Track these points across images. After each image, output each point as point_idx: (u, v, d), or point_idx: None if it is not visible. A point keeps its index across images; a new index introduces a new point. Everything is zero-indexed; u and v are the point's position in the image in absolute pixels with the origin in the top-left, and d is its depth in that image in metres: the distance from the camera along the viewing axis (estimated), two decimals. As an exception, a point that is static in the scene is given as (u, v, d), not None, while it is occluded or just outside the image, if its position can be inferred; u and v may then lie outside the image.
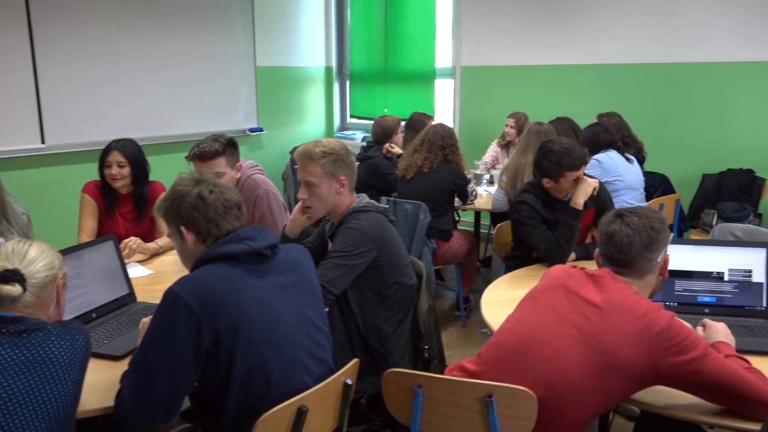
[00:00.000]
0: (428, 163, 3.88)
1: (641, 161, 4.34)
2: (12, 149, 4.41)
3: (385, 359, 2.30)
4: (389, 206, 3.69)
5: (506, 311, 1.87)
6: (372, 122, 4.78)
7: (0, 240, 2.54)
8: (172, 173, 1.96)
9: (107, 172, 3.04)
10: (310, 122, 6.81)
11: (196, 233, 1.73)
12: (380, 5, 6.42)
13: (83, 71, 4.72)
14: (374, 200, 2.49)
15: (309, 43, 6.65)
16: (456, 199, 4.06)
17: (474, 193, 4.16)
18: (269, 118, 6.21)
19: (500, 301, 2.32)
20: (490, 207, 4.05)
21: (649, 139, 4.60)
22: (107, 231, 3.00)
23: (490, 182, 4.62)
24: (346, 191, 2.35)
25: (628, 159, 4.03)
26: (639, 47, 5.14)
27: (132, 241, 2.83)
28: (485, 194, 4.38)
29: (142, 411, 1.55)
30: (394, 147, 4.47)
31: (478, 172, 4.69)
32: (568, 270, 1.78)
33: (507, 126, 5.06)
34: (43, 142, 4.57)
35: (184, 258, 1.80)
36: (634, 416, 2.43)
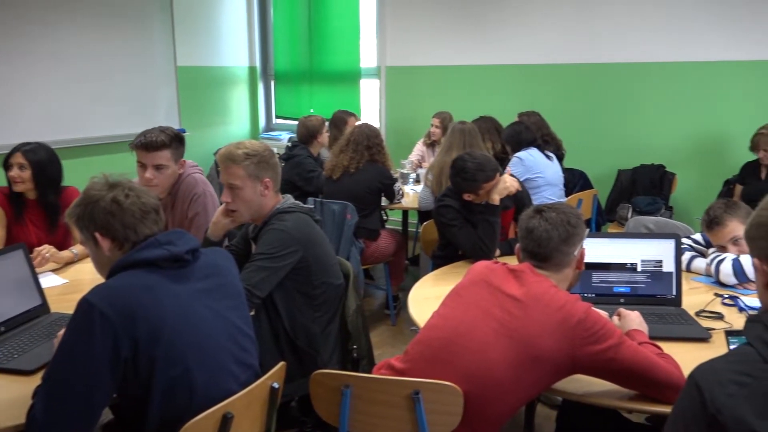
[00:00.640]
0: (354, 163, 3.88)
1: (560, 158, 4.49)
2: None
3: (314, 360, 2.29)
4: (315, 206, 3.69)
5: (433, 308, 1.89)
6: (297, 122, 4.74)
7: None
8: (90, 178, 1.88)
9: (8, 174, 2.91)
10: (235, 123, 6.69)
11: (112, 239, 1.67)
12: (304, 5, 6.38)
13: (-10, 71, 4.48)
14: (300, 201, 2.47)
15: (231, 43, 6.53)
16: (383, 199, 4.08)
17: (401, 192, 4.19)
18: (192, 120, 6.06)
19: (427, 299, 2.34)
20: (417, 205, 4.09)
21: (568, 137, 4.77)
22: (18, 239, 2.85)
23: (417, 181, 4.67)
24: (271, 193, 2.32)
25: (548, 156, 4.16)
26: (557, 48, 5.32)
27: (44, 249, 2.70)
28: (412, 193, 4.43)
29: (57, 427, 1.48)
30: None
31: (405, 171, 4.74)
32: (490, 266, 1.82)
33: (432, 125, 5.13)
34: (-54, 146, 4.29)
35: (100, 266, 1.73)
36: (557, 405, 2.51)
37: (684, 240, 2.78)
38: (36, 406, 1.50)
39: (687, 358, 1.62)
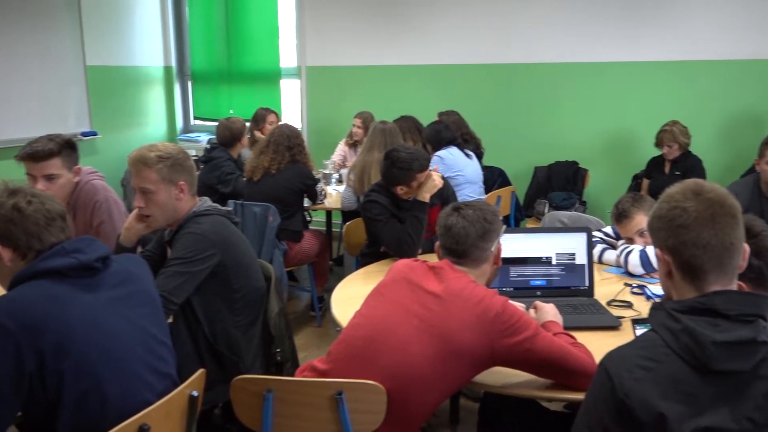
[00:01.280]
0: (275, 164, 3.83)
1: (480, 157, 4.59)
2: None
3: (236, 366, 2.24)
4: (236, 209, 3.62)
5: (357, 308, 1.89)
6: (217, 124, 4.64)
7: None
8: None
9: None
10: (151, 125, 6.47)
11: (14, 249, 1.58)
12: (220, 3, 6.25)
13: None
14: (220, 204, 2.41)
15: (145, 41, 6.31)
16: (305, 200, 4.05)
17: (323, 193, 4.18)
18: (104, 122, 5.81)
19: (350, 298, 2.33)
20: (340, 206, 4.09)
21: (486, 136, 4.88)
22: None
23: (340, 181, 4.66)
24: (186, 196, 2.25)
25: (468, 155, 4.25)
26: (475, 49, 5.44)
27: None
28: (335, 193, 4.42)
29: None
30: None
31: (327, 172, 4.72)
32: (411, 264, 1.84)
33: (354, 126, 5.13)
34: None
35: (0, 277, 1.63)
36: (480, 398, 2.56)
37: (595, 233, 2.90)
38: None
39: (599, 346, 1.68)
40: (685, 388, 1.23)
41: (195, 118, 6.75)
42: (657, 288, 2.42)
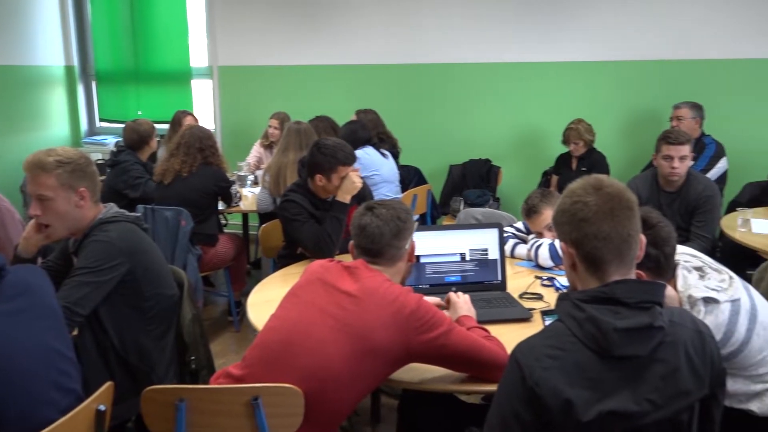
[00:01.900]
0: (187, 167, 3.72)
1: (396, 156, 4.64)
2: None
3: (148, 377, 2.16)
4: (146, 214, 3.49)
5: (273, 311, 1.86)
6: (124, 126, 4.46)
7: None
8: None
9: None
10: (53, 128, 6.14)
11: None
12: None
13: None
14: (128, 210, 2.32)
15: (44, 40, 5.98)
16: (220, 202, 3.96)
17: (238, 195, 4.10)
18: (0, 125, 5.48)
19: (267, 302, 2.30)
20: (256, 208, 4.02)
21: (402, 135, 4.92)
22: None
23: (255, 183, 4.59)
24: (89, 203, 2.14)
25: (384, 154, 4.28)
26: (390, 49, 5.48)
27: None
28: (250, 195, 4.34)
29: None
30: None
31: (242, 174, 4.63)
32: (325, 264, 1.84)
33: (271, 126, 5.05)
34: None
35: None
36: (400, 395, 2.58)
37: (507, 228, 2.99)
38: None
39: (512, 338, 1.72)
40: (590, 374, 1.29)
41: (101, 120, 6.46)
42: (565, 280, 2.51)
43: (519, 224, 3.06)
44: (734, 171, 4.45)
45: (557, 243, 2.67)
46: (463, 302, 1.98)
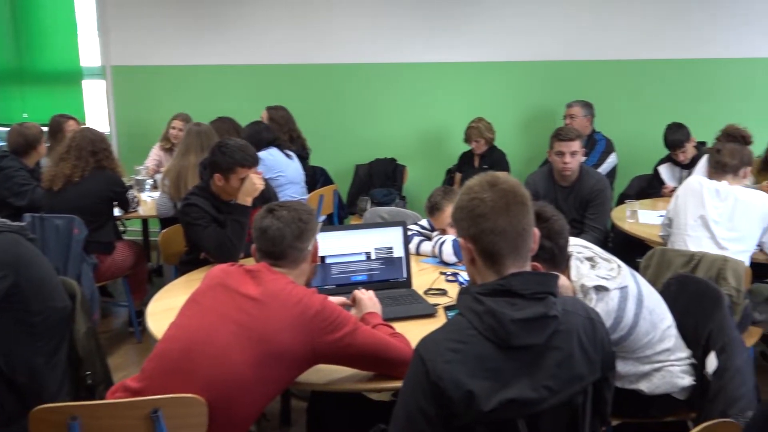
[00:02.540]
0: (79, 172, 3.52)
1: (306, 157, 4.60)
2: None
3: (38, 396, 2.03)
4: (33, 223, 3.28)
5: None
6: (8, 129, 4.16)
7: None
8: None
9: None
10: (-74, 132, 5.66)
11: None
12: (4, -6, 5.63)
13: None
14: (14, 219, 2.17)
15: None
16: (117, 208, 3.78)
17: (136, 200, 3.93)
18: None
19: (168, 310, 2.20)
20: (156, 213, 3.87)
21: (308, 136, 4.87)
22: None
23: (154, 187, 4.41)
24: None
25: (288, 155, 4.23)
26: (294, 49, 5.43)
27: None
28: (150, 200, 4.17)
29: None
30: None
31: (140, 178, 4.44)
32: (227, 269, 1.79)
33: (174, 128, 4.86)
34: None
35: None
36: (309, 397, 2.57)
37: (412, 226, 3.03)
38: None
39: (417, 334, 1.72)
40: (490, 365, 1.33)
41: (-19, 124, 6.02)
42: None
43: (423, 222, 3.11)
44: (623, 165, 4.73)
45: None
46: (368, 299, 1.99)
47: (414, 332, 1.85)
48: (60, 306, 2.16)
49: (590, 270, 1.98)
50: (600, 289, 1.92)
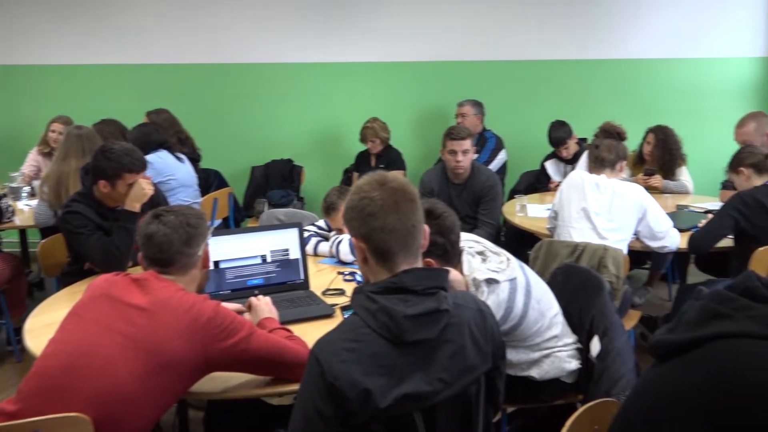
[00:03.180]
0: (-58, 180, 3.24)
1: (198, 160, 4.45)
2: None
3: None
4: None
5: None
6: None
7: None
8: None
9: None
10: None
11: None
12: None
13: None
14: None
15: None
16: (-11, 219, 3.52)
17: (11, 210, 3.66)
18: None
19: (48, 325, 2.07)
20: (34, 222, 3.62)
21: (200, 138, 4.72)
22: None
23: (32, 195, 4.13)
24: None
25: (179, 158, 4.08)
26: (183, 48, 5.27)
27: None
28: (27, 209, 3.90)
29: None
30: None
31: (15, 185, 4.14)
32: (111, 278, 1.70)
33: (55, 132, 4.55)
34: None
35: None
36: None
37: (309, 227, 3.01)
38: None
39: (316, 336, 1.70)
40: (386, 362, 1.34)
41: None
42: (366, 273, 2.59)
43: (321, 222, 3.10)
44: (513, 162, 4.92)
45: (355, 238, 2.74)
46: (264, 304, 1.95)
47: (313, 334, 1.83)
48: None
49: (481, 264, 2.04)
50: (491, 282, 1.98)
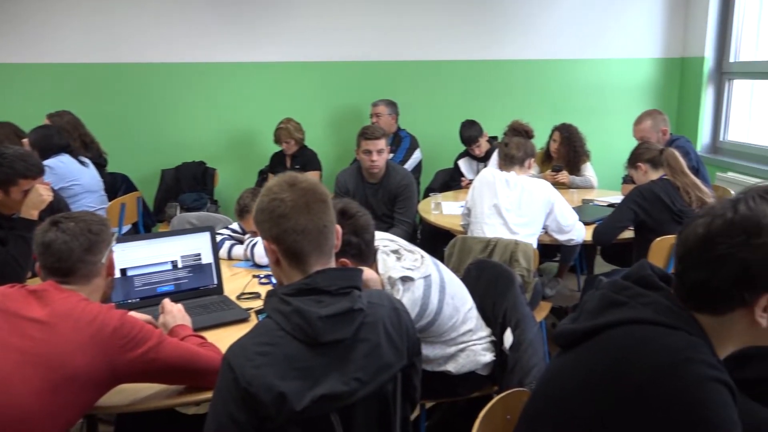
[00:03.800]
0: None
1: (104, 165, 4.26)
2: None
3: None
4: None
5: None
6: None
7: None
8: None
9: None
10: None
11: None
12: None
13: None
14: None
15: None
16: None
17: None
18: None
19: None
20: None
21: (105, 141, 4.51)
22: None
23: None
24: None
25: (83, 162, 3.89)
26: (86, 47, 5.01)
27: None
28: None
29: None
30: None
31: None
32: (5, 291, 1.60)
33: None
34: None
35: None
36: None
37: (223, 231, 2.95)
38: None
39: (231, 341, 1.66)
40: (301, 364, 1.33)
41: None
42: (282, 275, 2.56)
43: (235, 225, 3.04)
44: (427, 160, 5.00)
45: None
46: (178, 311, 1.89)
47: (228, 339, 1.77)
48: None
49: (396, 262, 2.05)
50: (406, 280, 2.00)
